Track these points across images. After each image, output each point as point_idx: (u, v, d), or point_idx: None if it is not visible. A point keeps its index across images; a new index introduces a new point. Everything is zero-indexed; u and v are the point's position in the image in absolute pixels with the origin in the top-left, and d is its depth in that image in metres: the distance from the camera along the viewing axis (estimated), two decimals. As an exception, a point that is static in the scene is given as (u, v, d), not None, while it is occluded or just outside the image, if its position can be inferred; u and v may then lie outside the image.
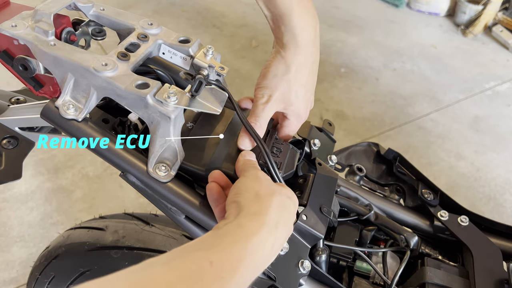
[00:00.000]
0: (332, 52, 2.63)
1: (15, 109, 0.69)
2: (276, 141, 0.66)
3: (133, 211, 0.97)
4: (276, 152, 0.64)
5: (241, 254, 0.42)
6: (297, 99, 0.65)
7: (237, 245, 0.42)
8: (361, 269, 0.73)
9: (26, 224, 1.60)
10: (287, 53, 0.62)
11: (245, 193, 0.50)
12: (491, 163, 2.02)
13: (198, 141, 0.62)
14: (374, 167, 0.90)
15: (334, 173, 0.69)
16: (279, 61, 0.62)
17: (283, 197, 0.51)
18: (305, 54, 0.63)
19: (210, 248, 0.41)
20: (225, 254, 0.41)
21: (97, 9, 0.65)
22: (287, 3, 0.59)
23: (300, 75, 0.63)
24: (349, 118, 2.18)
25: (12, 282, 1.45)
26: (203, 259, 0.39)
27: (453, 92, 2.43)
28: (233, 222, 0.45)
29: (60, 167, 1.80)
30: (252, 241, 0.43)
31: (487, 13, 2.79)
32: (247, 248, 0.43)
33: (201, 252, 0.40)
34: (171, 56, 0.64)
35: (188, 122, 0.64)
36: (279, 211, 0.49)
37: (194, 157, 0.60)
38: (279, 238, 0.48)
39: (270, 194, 0.50)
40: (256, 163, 0.58)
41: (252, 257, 0.43)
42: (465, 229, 0.76)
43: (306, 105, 0.67)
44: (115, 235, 0.86)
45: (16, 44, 0.58)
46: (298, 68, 0.63)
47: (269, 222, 0.46)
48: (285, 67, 0.62)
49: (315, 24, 0.63)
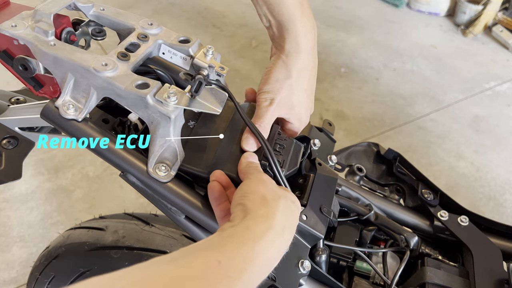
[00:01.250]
0: (332, 52, 2.63)
1: (15, 109, 0.69)
2: (279, 136, 0.65)
3: (133, 211, 0.97)
4: (279, 149, 0.63)
5: (249, 256, 0.42)
6: (299, 103, 0.65)
7: (245, 247, 0.42)
8: (361, 269, 0.73)
9: (26, 224, 1.60)
10: (288, 59, 0.62)
11: (251, 196, 0.49)
12: (491, 163, 2.02)
13: (200, 140, 0.62)
14: (374, 167, 0.90)
15: (334, 173, 0.69)
16: (280, 66, 0.63)
17: (288, 202, 0.51)
18: (306, 60, 0.63)
19: (218, 248, 0.41)
20: (233, 254, 0.41)
21: (97, 9, 0.65)
22: (292, 10, 0.59)
23: (302, 80, 0.64)
24: (349, 118, 2.18)
25: (12, 282, 1.45)
26: (211, 258, 0.39)
27: (453, 92, 2.43)
28: (239, 224, 0.45)
29: (60, 167, 1.80)
30: (260, 243, 0.43)
31: (487, 13, 2.79)
32: (254, 250, 0.43)
33: (209, 251, 0.40)
34: (171, 56, 0.64)
35: (190, 121, 0.64)
36: (285, 215, 0.49)
37: (195, 158, 0.59)
38: (285, 241, 0.49)
39: (276, 198, 0.50)
40: (258, 166, 0.57)
41: (259, 259, 0.43)
42: (465, 229, 0.76)
43: (307, 110, 0.68)
44: (115, 235, 0.86)
45: (16, 44, 0.58)
46: (299, 73, 0.63)
47: (276, 225, 0.47)
48: (287, 72, 0.63)
49: (314, 29, 0.63)
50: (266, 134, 0.62)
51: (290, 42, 0.62)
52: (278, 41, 0.63)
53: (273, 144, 0.63)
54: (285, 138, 0.65)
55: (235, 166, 0.58)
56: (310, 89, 0.66)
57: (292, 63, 0.62)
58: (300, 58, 0.62)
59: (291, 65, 0.62)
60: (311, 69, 0.65)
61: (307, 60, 0.64)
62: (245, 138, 0.60)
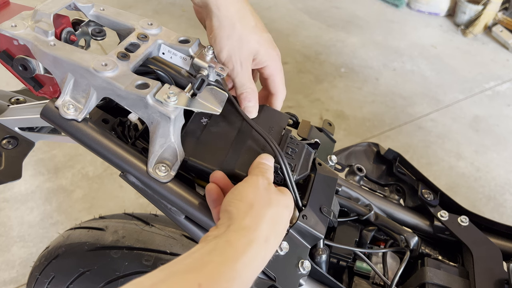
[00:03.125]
0: (332, 52, 2.63)
1: (15, 109, 0.69)
2: (291, 141, 0.64)
3: (133, 211, 0.97)
4: (291, 153, 0.63)
5: (231, 275, 0.42)
6: (259, 44, 0.64)
7: (226, 266, 0.42)
8: (361, 269, 0.73)
9: (26, 224, 1.60)
10: (220, 16, 0.62)
11: (239, 203, 0.49)
12: (491, 163, 2.02)
13: (213, 136, 0.61)
14: (374, 167, 0.90)
15: (334, 173, 0.69)
16: (217, 28, 0.62)
17: (279, 208, 0.50)
18: (230, 5, 0.62)
19: (199, 269, 0.41)
20: (214, 275, 0.41)
21: (97, 9, 0.65)
22: None
23: (245, 22, 0.63)
24: (349, 118, 2.18)
25: (12, 282, 1.45)
26: (192, 282, 0.39)
27: (453, 92, 2.43)
28: (222, 236, 0.45)
29: (60, 167, 1.80)
30: (242, 260, 0.43)
31: (487, 13, 2.79)
32: (236, 268, 0.42)
33: (190, 274, 0.40)
34: (171, 56, 0.63)
35: (203, 118, 0.63)
36: (271, 225, 0.48)
37: (206, 154, 0.59)
38: (269, 250, 0.48)
39: (264, 206, 0.49)
40: (269, 169, 0.56)
41: (241, 275, 0.43)
42: (465, 229, 0.76)
43: (270, 43, 0.66)
44: (115, 235, 0.86)
45: (16, 44, 0.58)
46: (239, 18, 0.62)
47: (259, 238, 0.46)
48: (227, 25, 0.62)
49: None
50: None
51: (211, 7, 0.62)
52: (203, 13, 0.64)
53: (285, 148, 0.62)
54: (297, 142, 0.65)
55: (247, 166, 0.57)
56: (259, 23, 0.65)
57: (225, 15, 0.61)
58: (222, 6, 0.61)
59: (224, 17, 0.62)
60: (245, 5, 0.64)
61: (234, 4, 0.63)
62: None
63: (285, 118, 0.68)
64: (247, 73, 0.64)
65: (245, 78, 0.64)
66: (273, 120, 0.67)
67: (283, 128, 0.66)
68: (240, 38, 0.62)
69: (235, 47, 0.62)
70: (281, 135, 0.65)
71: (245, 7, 0.64)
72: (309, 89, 2.32)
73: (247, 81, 0.64)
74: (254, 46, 0.63)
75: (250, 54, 0.63)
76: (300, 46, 2.66)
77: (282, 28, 2.79)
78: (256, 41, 0.64)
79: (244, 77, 0.64)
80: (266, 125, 0.65)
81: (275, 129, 0.65)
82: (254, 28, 0.64)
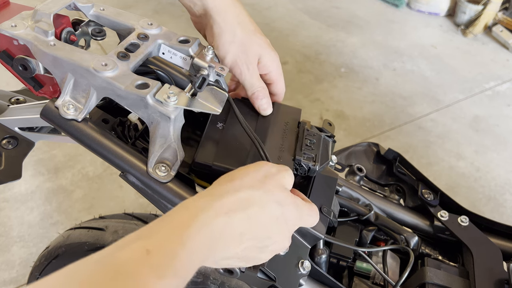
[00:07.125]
0: (332, 52, 2.63)
1: (15, 109, 0.69)
2: (308, 132, 0.65)
3: (133, 211, 0.97)
4: (310, 145, 0.63)
5: (181, 240, 0.39)
6: (261, 47, 0.66)
7: (177, 230, 0.40)
8: (361, 269, 0.73)
9: (26, 224, 1.60)
10: (220, 22, 0.64)
11: (227, 176, 0.48)
12: (491, 163, 2.02)
13: (231, 141, 0.62)
14: (374, 167, 0.90)
15: (334, 173, 0.69)
16: (219, 35, 0.64)
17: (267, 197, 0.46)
18: (230, 11, 0.65)
19: (148, 236, 0.39)
20: (163, 240, 0.39)
21: (97, 9, 0.65)
22: None
23: (245, 26, 0.65)
24: (349, 118, 2.18)
25: (12, 282, 1.45)
26: (140, 248, 0.37)
27: (453, 92, 2.43)
28: (182, 203, 0.44)
29: (60, 167, 1.80)
30: (193, 225, 0.40)
31: (487, 13, 2.79)
32: (188, 234, 0.40)
33: (140, 241, 0.38)
34: (171, 56, 0.63)
35: (218, 122, 0.64)
36: (244, 205, 0.44)
37: (229, 157, 0.59)
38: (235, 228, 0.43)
39: (247, 186, 0.46)
40: (287, 171, 0.52)
41: (193, 242, 0.40)
42: (465, 229, 0.76)
43: (270, 47, 0.68)
44: (115, 235, 0.86)
45: (16, 44, 0.58)
46: (239, 23, 0.65)
47: (218, 208, 0.43)
48: (228, 31, 0.64)
49: None
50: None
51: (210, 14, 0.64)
52: (204, 23, 0.66)
53: (303, 140, 0.64)
54: (314, 133, 0.65)
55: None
56: (257, 28, 0.68)
57: (223, 22, 0.64)
58: (226, 13, 0.64)
59: (223, 24, 0.64)
60: (241, 9, 0.66)
61: (231, 10, 0.65)
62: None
63: (298, 111, 0.70)
64: (255, 74, 0.66)
65: (254, 79, 0.66)
66: (287, 115, 0.68)
67: (298, 122, 0.67)
68: (242, 42, 0.64)
69: (239, 51, 0.64)
70: (297, 128, 0.66)
71: (243, 12, 0.66)
72: (309, 89, 2.32)
73: (256, 81, 0.66)
74: (257, 49, 0.65)
75: (254, 56, 0.66)
76: (300, 46, 2.66)
77: (282, 28, 2.79)
78: (258, 45, 0.66)
79: (253, 78, 0.66)
80: (282, 121, 0.67)
81: (290, 123, 0.67)
82: (254, 32, 0.66)
